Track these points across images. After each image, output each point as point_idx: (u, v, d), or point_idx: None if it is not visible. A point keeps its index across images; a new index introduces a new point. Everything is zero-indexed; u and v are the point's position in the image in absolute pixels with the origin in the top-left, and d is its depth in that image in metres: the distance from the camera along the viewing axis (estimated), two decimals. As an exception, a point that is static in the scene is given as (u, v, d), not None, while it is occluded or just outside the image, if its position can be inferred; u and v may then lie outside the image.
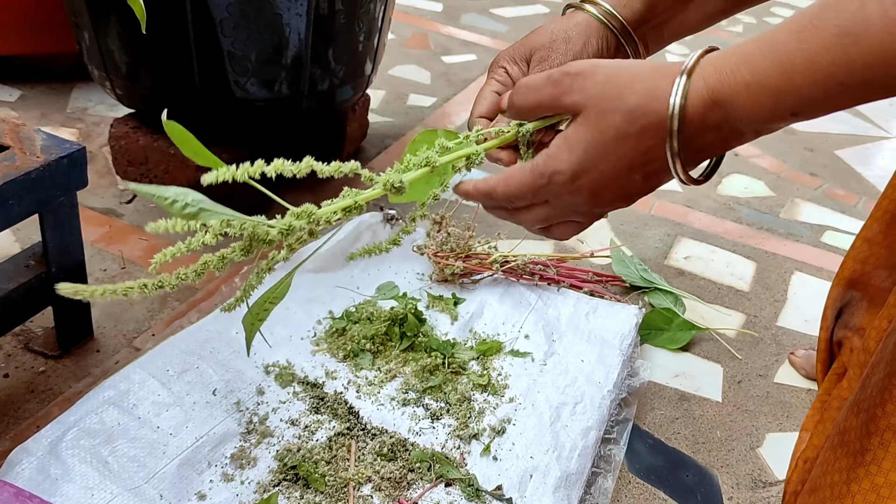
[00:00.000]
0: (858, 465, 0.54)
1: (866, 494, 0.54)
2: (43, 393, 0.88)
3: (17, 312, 0.86)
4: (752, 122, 0.47)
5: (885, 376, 0.53)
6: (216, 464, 0.78)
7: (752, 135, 0.49)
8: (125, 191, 1.25)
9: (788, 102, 0.45)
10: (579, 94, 0.52)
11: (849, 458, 0.55)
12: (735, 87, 0.46)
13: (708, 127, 0.48)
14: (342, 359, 0.92)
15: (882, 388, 0.53)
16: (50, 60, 1.53)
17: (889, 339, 0.55)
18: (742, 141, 0.50)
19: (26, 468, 0.72)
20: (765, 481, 0.88)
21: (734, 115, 0.47)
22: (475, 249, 1.07)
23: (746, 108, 0.46)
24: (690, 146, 0.50)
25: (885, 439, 0.52)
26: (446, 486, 0.79)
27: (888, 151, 1.72)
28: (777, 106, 0.45)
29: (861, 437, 0.54)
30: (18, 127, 0.84)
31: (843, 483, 0.55)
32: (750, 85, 0.45)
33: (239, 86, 1.10)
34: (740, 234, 1.34)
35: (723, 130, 0.48)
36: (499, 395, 0.90)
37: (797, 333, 1.12)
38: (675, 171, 0.51)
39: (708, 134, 0.49)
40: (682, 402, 0.97)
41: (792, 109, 0.45)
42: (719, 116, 0.48)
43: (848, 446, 0.56)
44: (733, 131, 0.48)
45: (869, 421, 0.54)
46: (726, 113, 0.47)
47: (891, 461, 0.52)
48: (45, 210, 0.83)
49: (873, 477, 0.53)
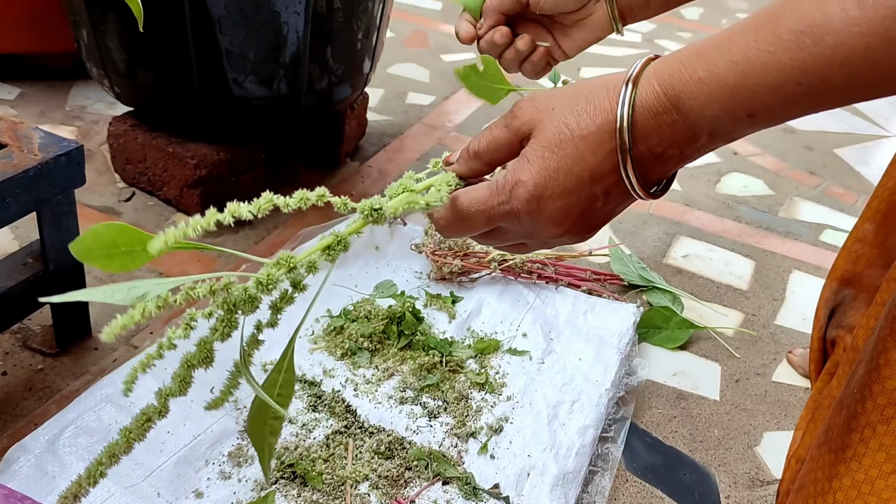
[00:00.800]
0: (840, 462, 0.54)
1: (847, 490, 0.54)
2: (41, 391, 0.88)
3: (15, 310, 0.86)
4: (706, 121, 0.45)
5: (866, 373, 0.53)
6: (214, 462, 0.78)
7: (706, 138, 0.47)
8: (124, 189, 1.25)
9: (744, 100, 0.43)
10: (529, 113, 0.51)
11: (831, 454, 0.56)
12: (688, 83, 0.45)
13: (661, 125, 0.47)
14: (340, 357, 0.92)
15: (862, 385, 0.53)
16: (49, 59, 1.52)
17: (871, 338, 0.55)
18: (697, 147, 0.48)
19: (24, 466, 0.72)
20: (762, 480, 0.88)
21: (688, 113, 0.45)
22: (473, 248, 1.07)
23: (700, 103, 0.45)
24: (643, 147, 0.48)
25: (864, 436, 0.53)
26: (443, 485, 0.79)
27: (887, 150, 1.72)
28: (732, 103, 0.44)
29: (843, 433, 0.55)
30: (16, 125, 0.84)
31: (825, 479, 0.56)
32: (703, 80, 0.44)
33: (237, 84, 1.10)
34: (739, 232, 1.34)
35: (677, 129, 0.47)
36: (496, 393, 0.90)
37: (795, 332, 1.12)
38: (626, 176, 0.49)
39: (662, 133, 0.47)
40: (680, 401, 0.97)
41: (748, 109, 0.43)
42: (672, 112, 0.46)
43: (831, 443, 0.56)
44: (687, 132, 0.46)
45: (850, 418, 0.54)
46: (678, 109, 0.46)
47: (871, 457, 0.53)
48: (43, 208, 0.83)
49: (854, 473, 0.53)
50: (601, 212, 0.52)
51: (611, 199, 0.51)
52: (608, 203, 0.51)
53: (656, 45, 2.11)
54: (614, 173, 0.50)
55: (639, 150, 0.48)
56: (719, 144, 0.48)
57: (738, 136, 0.47)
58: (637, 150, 0.48)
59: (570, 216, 0.51)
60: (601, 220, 0.53)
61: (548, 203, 0.50)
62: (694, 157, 0.49)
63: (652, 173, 0.50)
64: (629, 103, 0.47)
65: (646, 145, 0.48)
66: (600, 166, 0.49)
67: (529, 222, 0.52)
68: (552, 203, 0.50)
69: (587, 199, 0.51)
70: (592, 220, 0.52)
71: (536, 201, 0.50)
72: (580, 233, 0.53)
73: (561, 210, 0.51)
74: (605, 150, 0.49)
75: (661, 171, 0.50)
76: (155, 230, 1.15)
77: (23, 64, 1.53)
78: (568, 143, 0.49)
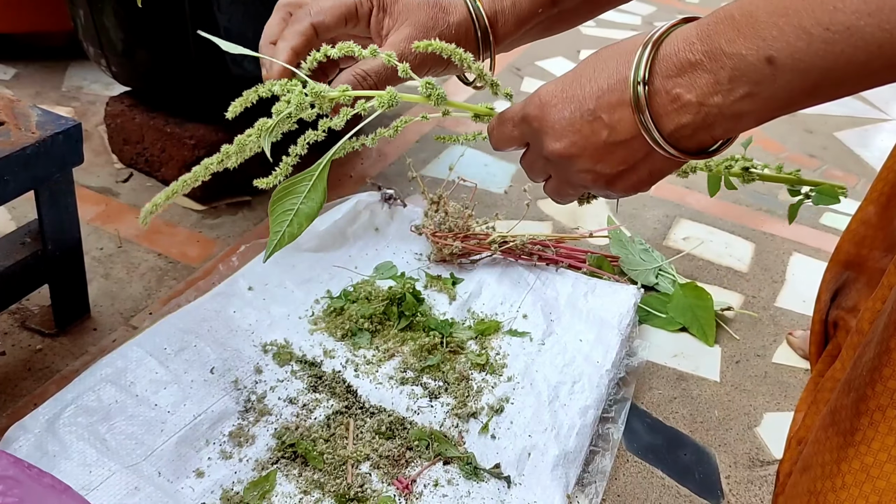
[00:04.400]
0: (848, 445, 0.54)
1: (856, 474, 0.54)
2: (40, 371, 0.88)
3: (13, 290, 0.86)
4: (728, 60, 0.45)
5: (875, 356, 0.53)
6: (214, 441, 0.78)
7: (727, 85, 0.46)
8: (121, 169, 1.24)
9: (768, 39, 0.43)
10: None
11: (839, 437, 0.55)
12: (721, 21, 0.45)
13: (682, 61, 0.47)
14: (340, 338, 0.92)
15: (872, 368, 0.53)
16: (45, 38, 1.51)
17: (880, 320, 0.55)
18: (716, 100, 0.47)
19: (24, 445, 0.72)
20: (762, 460, 0.88)
21: (713, 49, 0.45)
22: (474, 229, 1.07)
23: (727, 39, 0.45)
24: (659, 83, 0.48)
25: (874, 419, 0.52)
26: (444, 465, 0.79)
27: (887, 133, 1.72)
28: (756, 40, 0.43)
29: (851, 416, 0.54)
30: (13, 103, 0.83)
31: (833, 462, 0.56)
32: (735, 18, 0.45)
33: (236, 63, 1.09)
34: (739, 214, 1.34)
35: (697, 68, 0.46)
36: (497, 374, 0.90)
37: (795, 314, 1.12)
38: (635, 101, 0.49)
39: (682, 70, 0.47)
40: (681, 382, 0.97)
41: (770, 49, 0.43)
42: (698, 49, 0.46)
43: (838, 426, 0.56)
44: (708, 71, 0.46)
45: (859, 401, 0.54)
46: (705, 46, 0.46)
47: (880, 441, 0.52)
48: (41, 187, 0.82)
49: (863, 457, 0.53)
50: (606, 149, 0.52)
51: (615, 136, 0.51)
52: (612, 139, 0.51)
53: (656, 27, 2.10)
54: (623, 106, 0.50)
55: (654, 85, 0.48)
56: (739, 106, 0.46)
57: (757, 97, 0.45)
58: (652, 85, 0.48)
59: (572, 131, 0.52)
60: (609, 160, 0.53)
61: (551, 111, 0.53)
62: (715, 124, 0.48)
63: (667, 118, 0.49)
64: (661, 33, 0.48)
65: (662, 82, 0.48)
66: (609, 91, 0.50)
67: (537, 131, 0.55)
68: (555, 111, 0.53)
69: (591, 123, 0.51)
70: (599, 153, 0.52)
71: (542, 107, 0.53)
72: (586, 159, 0.53)
73: (561, 121, 0.52)
74: (618, 76, 0.50)
75: (677, 121, 0.49)
76: (153, 211, 1.14)
77: (18, 44, 1.51)
78: (589, 63, 0.52)
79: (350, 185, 1.28)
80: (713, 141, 0.50)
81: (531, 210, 1.26)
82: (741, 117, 0.47)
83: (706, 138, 0.50)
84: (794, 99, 0.45)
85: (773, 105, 0.46)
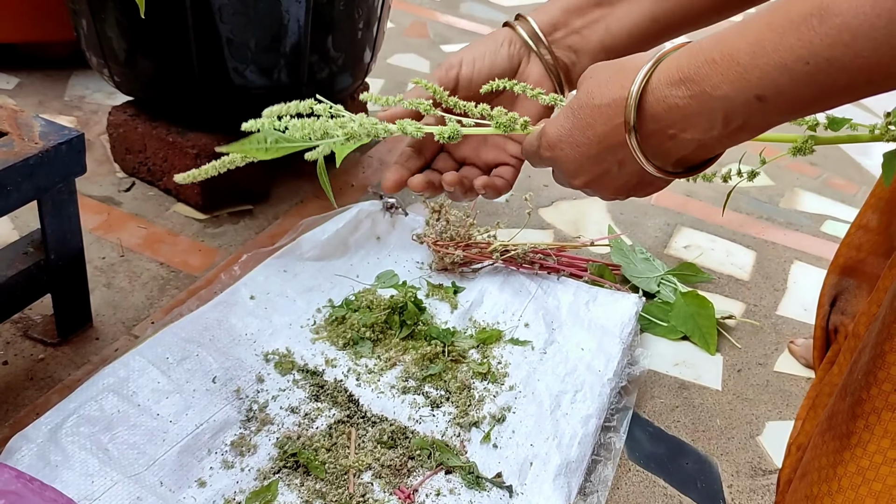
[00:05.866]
0: (844, 449, 0.54)
1: (852, 477, 0.54)
2: (42, 380, 0.88)
3: (15, 299, 0.86)
4: (718, 103, 0.46)
5: (870, 360, 0.53)
6: (216, 451, 0.78)
7: (722, 124, 0.47)
8: (123, 178, 1.25)
9: (753, 80, 0.44)
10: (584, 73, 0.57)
11: (836, 441, 0.56)
12: (703, 65, 0.46)
13: (671, 107, 0.48)
14: (342, 347, 0.92)
15: (867, 371, 0.53)
16: (47, 48, 1.52)
17: (874, 324, 0.55)
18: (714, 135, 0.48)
19: (26, 455, 0.72)
20: (764, 469, 0.88)
21: (700, 93, 0.46)
22: (475, 238, 1.07)
23: (712, 84, 0.46)
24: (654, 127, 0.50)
25: (869, 423, 0.53)
26: (446, 474, 0.79)
27: (888, 141, 1.72)
28: (742, 83, 0.44)
29: (847, 420, 0.55)
30: (17, 113, 0.84)
31: (829, 466, 0.56)
32: (717, 61, 0.45)
33: (238, 73, 1.09)
34: (740, 223, 1.34)
35: (688, 113, 0.48)
36: (499, 383, 0.90)
37: (797, 322, 1.12)
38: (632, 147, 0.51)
39: (673, 115, 0.48)
40: (682, 391, 0.97)
41: (757, 90, 0.44)
42: (684, 94, 0.47)
43: (835, 430, 0.56)
44: (699, 114, 0.47)
45: (855, 404, 0.54)
46: (691, 91, 0.47)
47: (875, 443, 0.53)
48: (44, 197, 0.82)
49: (858, 459, 0.53)
50: (619, 178, 0.56)
51: (625, 169, 0.55)
52: (623, 171, 0.55)
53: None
54: (625, 147, 0.52)
55: (648, 129, 0.50)
56: (738, 136, 0.48)
57: (754, 126, 0.47)
58: (646, 129, 0.50)
59: (585, 171, 0.56)
60: (624, 186, 0.57)
61: (561, 153, 0.57)
62: (717, 148, 0.50)
63: (670, 154, 0.51)
64: (640, 82, 0.49)
65: (656, 124, 0.50)
66: (608, 136, 0.53)
67: (554, 166, 0.59)
68: (565, 154, 0.56)
69: (600, 163, 0.55)
70: (614, 183, 0.57)
71: (552, 149, 0.57)
72: (605, 191, 0.58)
73: (573, 163, 0.56)
74: (613, 123, 0.52)
75: (679, 154, 0.51)
76: (155, 220, 1.15)
77: (20, 53, 1.52)
78: (586, 109, 0.54)
79: (352, 193, 1.28)
80: (716, 156, 0.54)
81: (532, 219, 1.27)
82: (738, 139, 0.49)
83: (706, 156, 0.53)
84: (787, 118, 0.47)
85: (768, 126, 0.47)
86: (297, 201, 1.24)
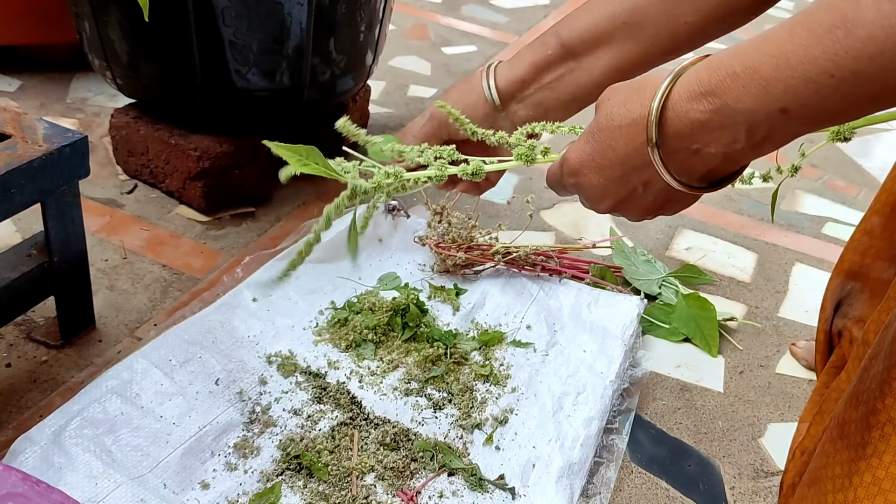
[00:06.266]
0: (860, 458, 0.54)
1: (868, 487, 0.54)
2: (45, 382, 0.88)
3: (19, 302, 0.86)
4: (741, 116, 0.46)
5: (884, 369, 0.53)
6: (219, 453, 0.78)
7: (745, 137, 0.47)
8: (126, 181, 1.25)
9: (777, 93, 0.43)
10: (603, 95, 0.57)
11: (849, 450, 0.55)
12: (724, 79, 0.46)
13: (693, 122, 0.48)
14: (344, 349, 0.92)
15: (881, 380, 0.53)
16: (50, 50, 1.52)
17: (887, 332, 0.55)
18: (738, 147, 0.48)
19: (30, 457, 0.72)
20: (767, 471, 0.88)
21: (722, 109, 0.46)
22: (477, 240, 1.07)
23: (734, 97, 0.45)
24: (677, 143, 0.49)
25: (885, 432, 0.53)
26: (449, 476, 0.79)
27: (889, 143, 1.72)
28: (765, 96, 0.44)
29: (861, 429, 0.54)
30: (20, 116, 0.84)
31: (844, 476, 0.56)
32: (739, 75, 0.45)
33: (240, 76, 1.09)
34: (741, 225, 1.34)
35: (711, 127, 0.47)
36: (501, 385, 0.90)
37: (798, 324, 1.12)
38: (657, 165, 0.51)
39: (695, 130, 0.48)
40: (684, 393, 0.98)
41: (781, 103, 0.44)
42: (706, 108, 0.47)
43: (848, 439, 0.56)
44: (722, 127, 0.47)
45: (869, 414, 0.54)
46: (713, 105, 0.46)
47: (891, 454, 0.52)
48: (47, 199, 0.82)
49: (874, 470, 0.53)
50: (646, 198, 0.55)
51: (651, 188, 0.54)
52: (649, 191, 0.54)
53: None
54: (649, 166, 0.52)
55: (671, 147, 0.50)
56: (763, 147, 0.48)
57: (779, 138, 0.47)
58: (669, 146, 0.50)
59: (610, 195, 0.56)
60: (652, 206, 0.56)
61: (585, 179, 0.56)
62: (742, 160, 0.50)
63: (695, 170, 0.51)
64: (660, 98, 0.49)
65: (680, 142, 0.49)
66: (631, 157, 0.52)
67: (578, 191, 0.59)
68: (589, 179, 0.56)
69: (625, 185, 0.55)
70: (641, 204, 0.56)
71: (576, 175, 0.57)
72: (633, 213, 0.58)
73: (598, 188, 0.56)
74: (635, 143, 0.51)
75: (705, 168, 0.51)
76: (157, 223, 1.15)
77: (22, 55, 1.52)
78: (606, 132, 0.53)
79: (353, 195, 1.28)
80: (741, 169, 0.53)
81: (534, 221, 1.27)
82: (763, 150, 0.49)
83: (732, 169, 0.53)
84: (811, 129, 0.46)
85: (792, 138, 0.47)
86: (300, 203, 1.24)
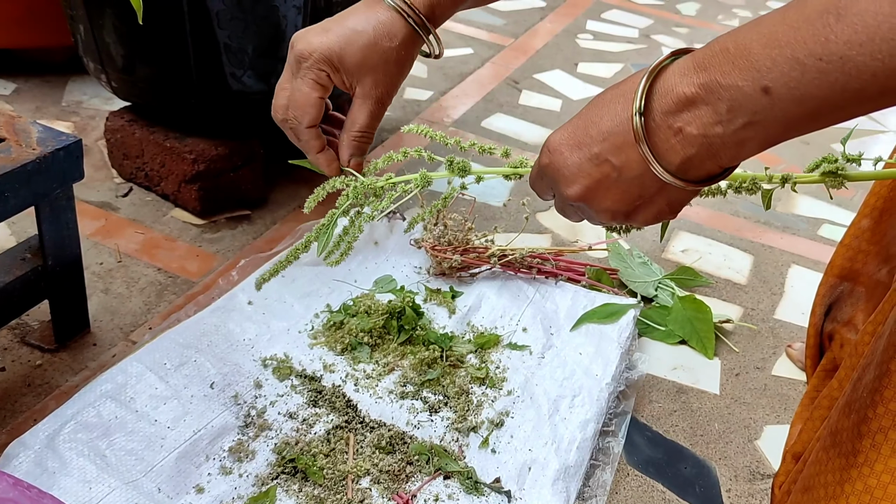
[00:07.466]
0: (851, 467, 0.54)
1: (860, 496, 0.54)
2: (39, 386, 0.88)
3: (13, 306, 0.86)
4: (725, 92, 0.45)
5: (875, 378, 0.53)
6: (214, 457, 0.78)
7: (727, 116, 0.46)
8: (121, 184, 1.25)
9: (763, 70, 0.43)
10: None
11: (841, 458, 0.56)
12: (716, 54, 0.46)
13: (679, 97, 0.47)
14: (340, 352, 0.92)
15: (872, 390, 0.53)
16: (45, 53, 1.52)
17: (879, 342, 0.55)
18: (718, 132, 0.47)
19: (23, 462, 0.71)
20: (763, 473, 0.88)
21: (709, 82, 0.46)
22: (473, 243, 1.07)
23: (723, 71, 0.45)
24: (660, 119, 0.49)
25: (876, 441, 0.53)
26: (445, 479, 0.79)
27: (884, 145, 1.72)
28: (751, 72, 0.44)
29: (853, 438, 0.55)
30: (14, 119, 0.84)
31: (836, 483, 0.56)
32: (729, 50, 0.45)
33: (235, 78, 1.09)
34: (737, 227, 1.34)
35: (696, 101, 0.47)
36: (497, 388, 0.90)
37: (794, 326, 1.12)
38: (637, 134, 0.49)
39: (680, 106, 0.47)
40: (680, 395, 0.97)
41: (765, 80, 0.43)
42: (694, 82, 0.47)
43: (840, 447, 0.56)
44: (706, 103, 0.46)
45: (860, 422, 0.54)
46: (701, 79, 0.46)
47: (883, 462, 0.53)
48: (42, 203, 0.82)
49: (866, 478, 0.53)
50: (619, 186, 0.53)
51: (625, 175, 0.52)
52: (624, 178, 0.52)
53: (653, 39, 2.11)
54: (629, 147, 0.51)
55: (655, 122, 0.49)
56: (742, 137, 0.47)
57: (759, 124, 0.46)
58: (654, 121, 0.49)
59: (583, 175, 0.54)
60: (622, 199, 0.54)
61: (560, 158, 0.55)
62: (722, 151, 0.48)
63: (674, 152, 0.49)
64: (653, 70, 0.49)
65: (663, 119, 0.48)
66: (613, 133, 0.51)
67: (553, 178, 0.57)
68: (564, 158, 0.55)
69: (599, 166, 0.53)
70: (612, 194, 0.54)
71: (551, 155, 0.55)
72: (602, 204, 0.55)
73: (571, 167, 0.54)
74: (620, 118, 0.51)
75: (684, 154, 0.49)
76: (152, 226, 1.15)
77: (17, 59, 1.52)
78: (593, 108, 0.53)
79: (349, 198, 1.28)
80: (720, 169, 0.51)
81: (530, 223, 1.27)
82: (744, 144, 0.47)
83: (713, 167, 0.50)
84: (793, 125, 0.45)
85: (774, 131, 0.46)
86: (295, 206, 1.24)
